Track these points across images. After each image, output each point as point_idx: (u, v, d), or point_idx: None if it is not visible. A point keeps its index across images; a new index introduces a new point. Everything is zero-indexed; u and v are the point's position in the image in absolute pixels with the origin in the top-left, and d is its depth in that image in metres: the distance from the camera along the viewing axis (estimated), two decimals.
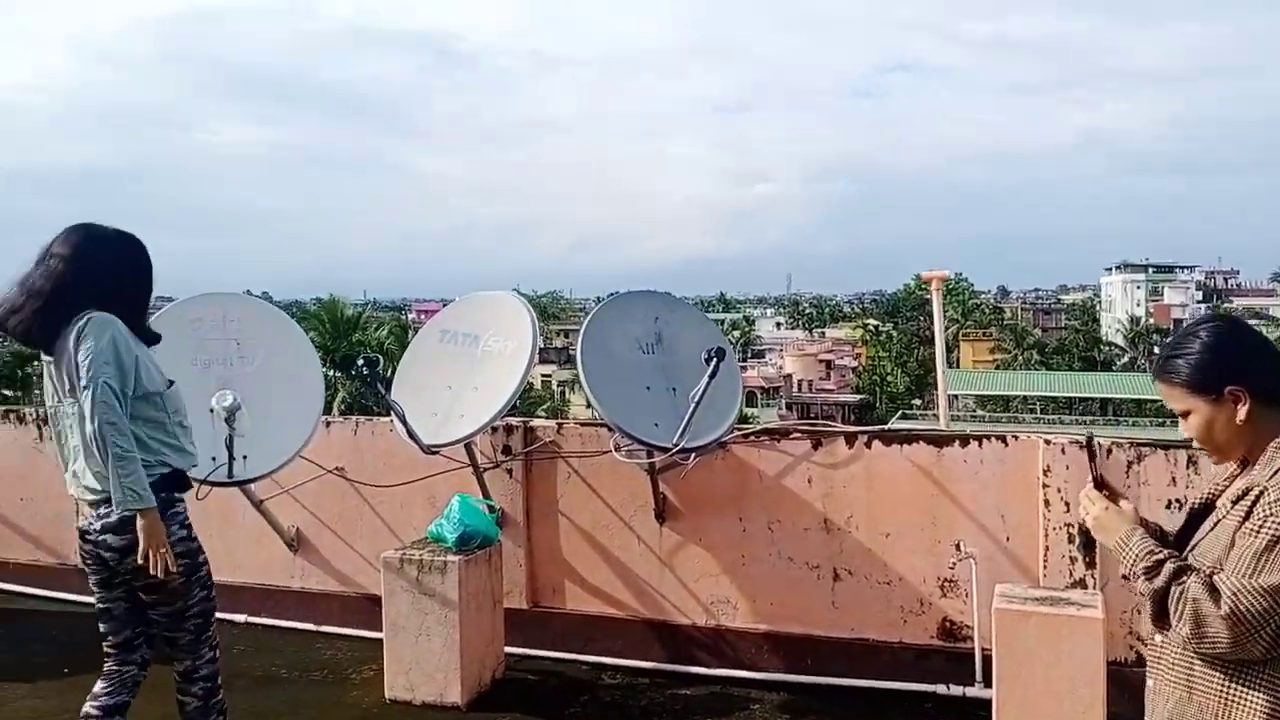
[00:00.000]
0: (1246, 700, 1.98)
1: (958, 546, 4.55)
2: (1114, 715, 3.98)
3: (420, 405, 5.04)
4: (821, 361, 72.45)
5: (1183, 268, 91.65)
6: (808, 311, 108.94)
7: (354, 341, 37.31)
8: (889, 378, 63.56)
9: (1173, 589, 1.99)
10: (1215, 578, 1.96)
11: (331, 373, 32.37)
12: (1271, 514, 1.93)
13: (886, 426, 5.60)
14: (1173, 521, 2.29)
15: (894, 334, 69.43)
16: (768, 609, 5.01)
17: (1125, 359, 61.18)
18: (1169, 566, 2.02)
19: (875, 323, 75.17)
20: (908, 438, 4.85)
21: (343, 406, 29.29)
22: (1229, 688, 2.00)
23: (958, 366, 58.49)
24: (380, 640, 4.81)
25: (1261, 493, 1.97)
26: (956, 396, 49.04)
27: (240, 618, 5.82)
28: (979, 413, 49.01)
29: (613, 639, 5.19)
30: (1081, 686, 3.78)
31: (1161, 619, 2.03)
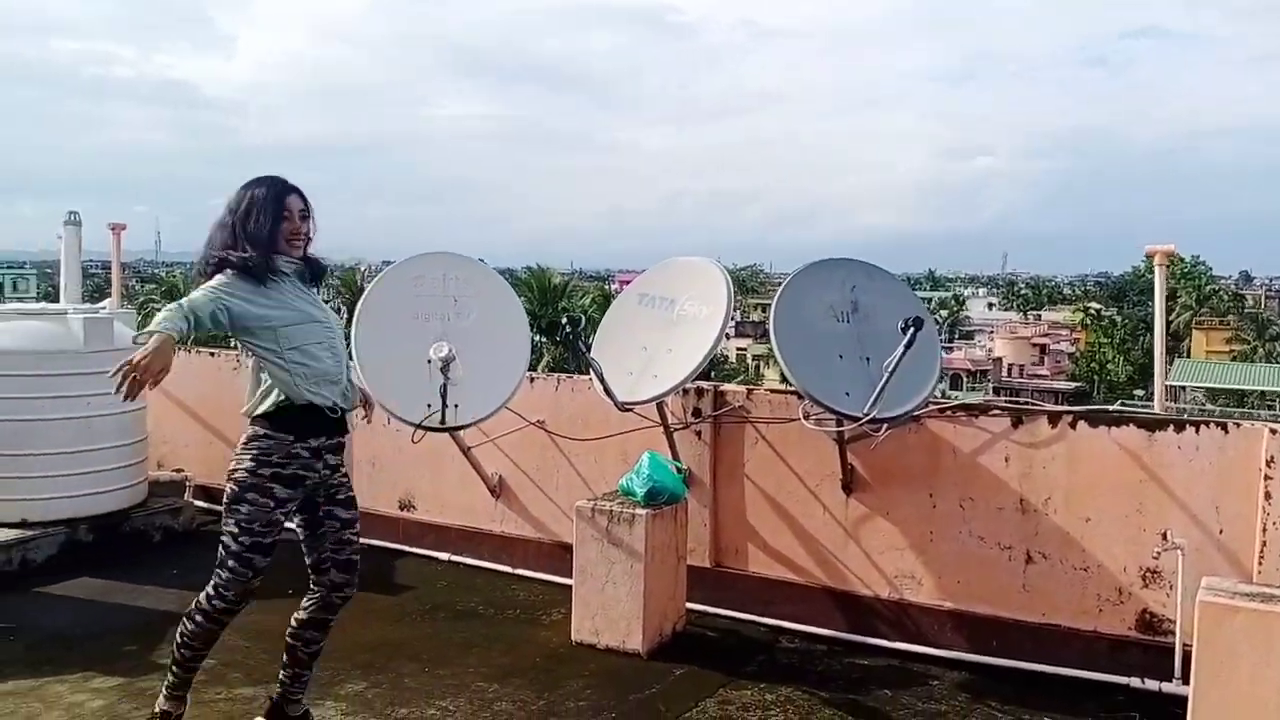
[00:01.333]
0: None
1: (1164, 536, 4.32)
2: None
3: (617, 365, 5.24)
4: (1035, 345, 68.79)
5: None
6: (1023, 292, 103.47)
7: (560, 308, 38.60)
8: (1109, 365, 59.58)
9: None
10: None
11: (538, 337, 33.68)
12: None
13: (1093, 406, 5.34)
14: None
15: (1118, 319, 64.91)
16: (954, 586, 4.92)
17: None
18: None
19: (1097, 306, 70.53)
20: (1117, 419, 4.62)
21: (547, 370, 30.41)
22: None
23: (1189, 356, 54.16)
24: (570, 586, 5.07)
25: None
26: (1185, 388, 45.52)
27: (444, 555, 6.27)
28: (1208, 406, 45.20)
29: (793, 604, 5.24)
30: None
31: None
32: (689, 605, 5.23)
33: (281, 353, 3.55)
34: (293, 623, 3.84)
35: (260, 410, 3.60)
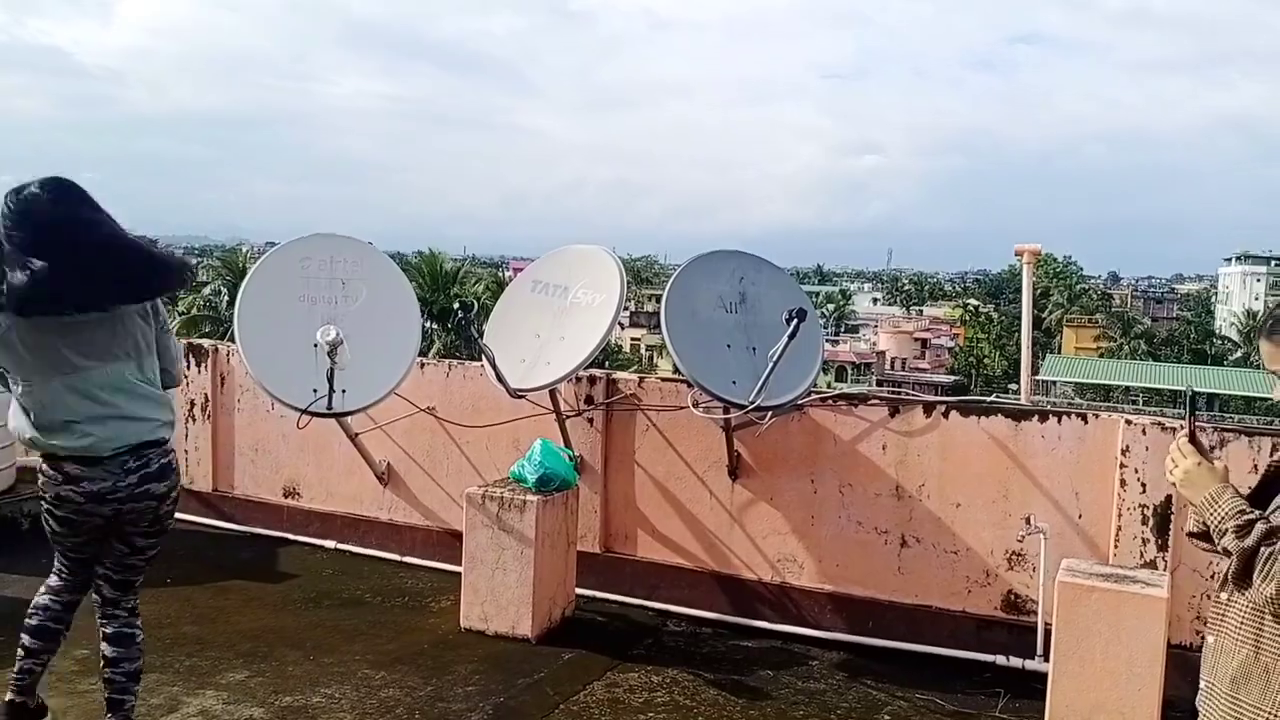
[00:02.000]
0: None
1: (1028, 520, 4.57)
2: (1172, 698, 3.99)
3: (509, 352, 5.23)
4: (917, 340, 71.11)
5: None
6: (907, 288, 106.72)
7: (452, 295, 38.10)
8: (986, 360, 62.07)
9: (1262, 549, 1.97)
10: None
11: (429, 324, 33.17)
12: None
13: (965, 397, 5.59)
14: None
15: (995, 315, 67.65)
16: (833, 570, 5.10)
17: (1238, 354, 58.49)
18: (1261, 527, 1.99)
19: (976, 303, 73.33)
20: (986, 410, 4.86)
21: (438, 356, 30.03)
22: None
23: (1060, 352, 56.77)
24: (459, 574, 5.07)
25: None
26: (1055, 383, 47.72)
27: (330, 543, 6.17)
28: (1077, 401, 47.53)
29: (680, 588, 5.35)
30: (1140, 665, 3.79)
31: (1244, 577, 2.01)
32: (579, 591, 5.29)
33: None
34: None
35: None
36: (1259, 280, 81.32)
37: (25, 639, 3.56)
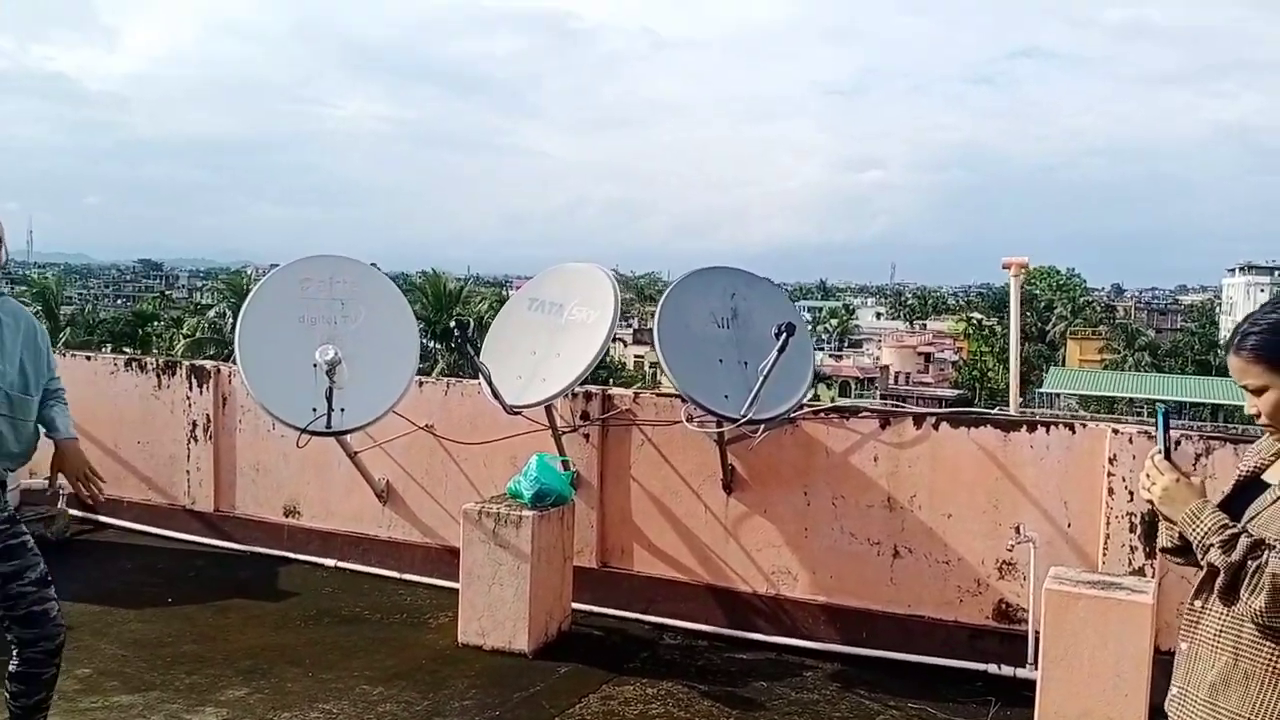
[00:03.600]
0: None
1: (1017, 530, 4.61)
2: (1159, 704, 4.01)
3: (506, 369, 5.31)
4: (920, 354, 71.16)
5: None
6: (910, 302, 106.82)
7: (455, 314, 38.22)
8: (990, 373, 62.03)
9: (1249, 563, 1.98)
10: None
11: (431, 343, 33.27)
12: None
13: (954, 409, 5.65)
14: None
15: (998, 329, 67.60)
16: (827, 581, 5.15)
17: None
18: (1245, 541, 2.01)
19: (979, 316, 73.28)
20: (975, 421, 4.92)
21: (441, 375, 30.08)
22: (1278, 656, 2.02)
23: (1064, 365, 56.75)
24: (457, 590, 5.12)
25: None
26: (1059, 395, 47.68)
27: (331, 561, 6.23)
28: (1081, 412, 47.49)
29: (675, 601, 5.40)
30: (1126, 671, 3.84)
31: (1231, 591, 2.02)
32: (575, 605, 5.34)
33: None
34: (5, 678, 3.36)
35: None
36: (1263, 290, 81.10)
37: None
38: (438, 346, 31.57)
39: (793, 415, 5.04)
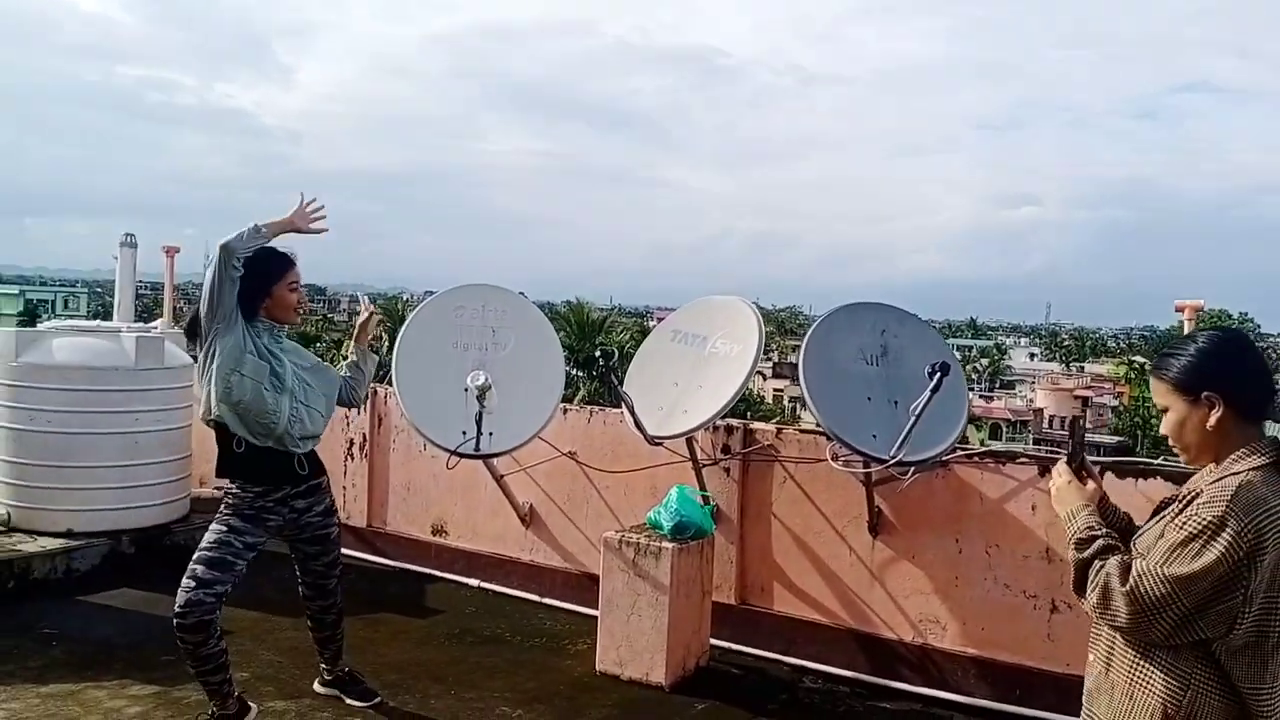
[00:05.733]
0: (1150, 679, 2.16)
1: None
2: None
3: (649, 399, 5.34)
4: (1078, 398, 67.81)
5: None
6: (1066, 343, 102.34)
7: (597, 343, 38.78)
8: (1154, 420, 58.64)
9: (1095, 562, 2.22)
10: (1134, 561, 2.18)
11: (574, 371, 33.81)
12: (1196, 514, 2.10)
13: (1119, 458, 5.33)
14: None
15: None
16: (978, 633, 4.92)
17: None
18: (1100, 543, 2.24)
19: (1142, 360, 69.52)
20: (1144, 471, 4.62)
21: (582, 403, 30.47)
22: (1138, 665, 2.19)
23: None
24: (596, 617, 5.14)
25: (1198, 495, 2.15)
26: None
27: (475, 582, 6.36)
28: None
29: (816, 644, 5.26)
30: None
31: (1080, 587, 2.27)
32: (713, 641, 5.27)
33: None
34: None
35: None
36: None
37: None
38: (580, 374, 32.06)
39: (944, 458, 4.87)
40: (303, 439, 4.05)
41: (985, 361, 78.28)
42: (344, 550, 6.82)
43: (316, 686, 4.54)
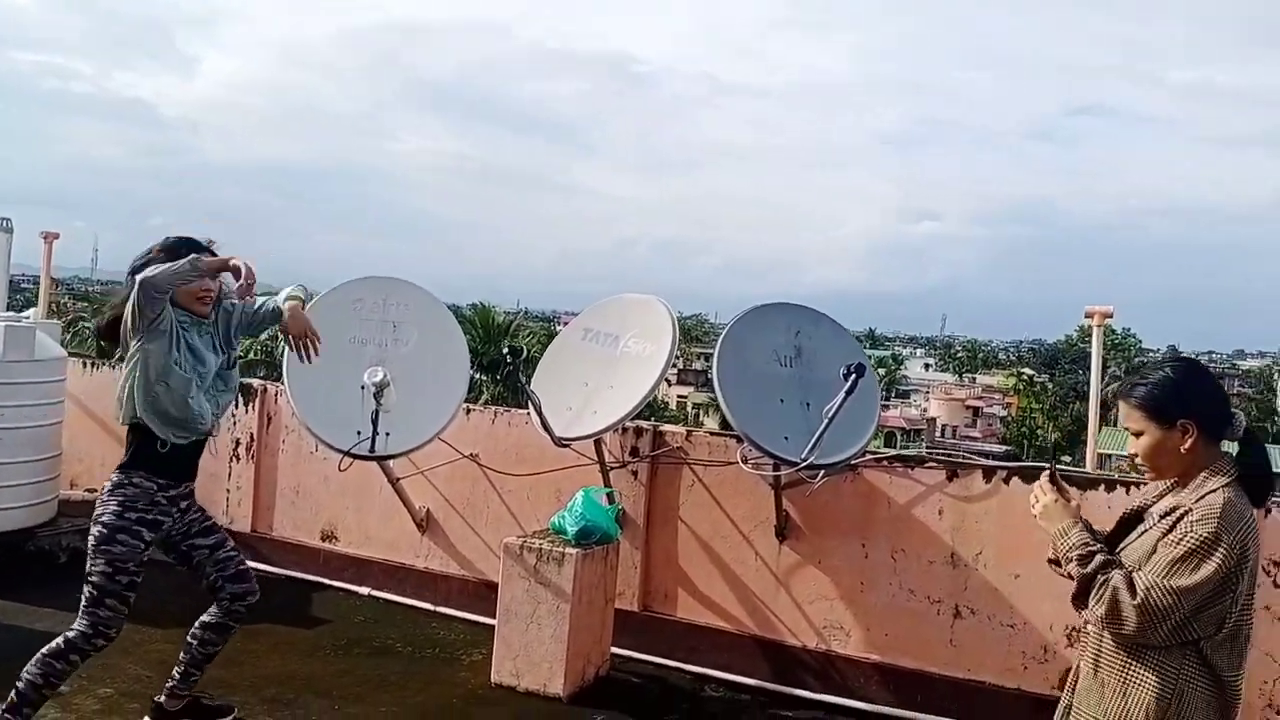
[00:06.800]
0: (1142, 677, 2.38)
1: None
2: None
3: (557, 400, 5.15)
4: (969, 408, 70.02)
5: None
6: (960, 355, 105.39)
7: (503, 347, 38.26)
8: (1039, 430, 60.86)
9: (1098, 576, 2.39)
10: (1134, 574, 2.36)
11: (478, 375, 33.29)
12: (1190, 531, 2.32)
13: (1027, 463, 5.37)
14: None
15: (1049, 385, 66.48)
16: (882, 639, 4.87)
17: None
18: (1099, 558, 2.43)
19: (1031, 372, 72.10)
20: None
21: (484, 405, 30.03)
22: (1129, 666, 2.40)
23: (1116, 425, 55.50)
24: (493, 627, 4.92)
25: (1186, 512, 2.35)
26: (1110, 456, 46.49)
27: (365, 590, 6.07)
28: (1131, 476, 46.25)
29: (720, 652, 5.15)
30: None
31: (1081, 599, 2.45)
32: (614, 649, 5.11)
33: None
34: (196, 624, 4.00)
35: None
36: None
37: None
38: (484, 378, 31.57)
39: (854, 462, 4.81)
40: (213, 433, 3.92)
41: (882, 371, 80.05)
42: None
43: None
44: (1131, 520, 2.57)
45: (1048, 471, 2.65)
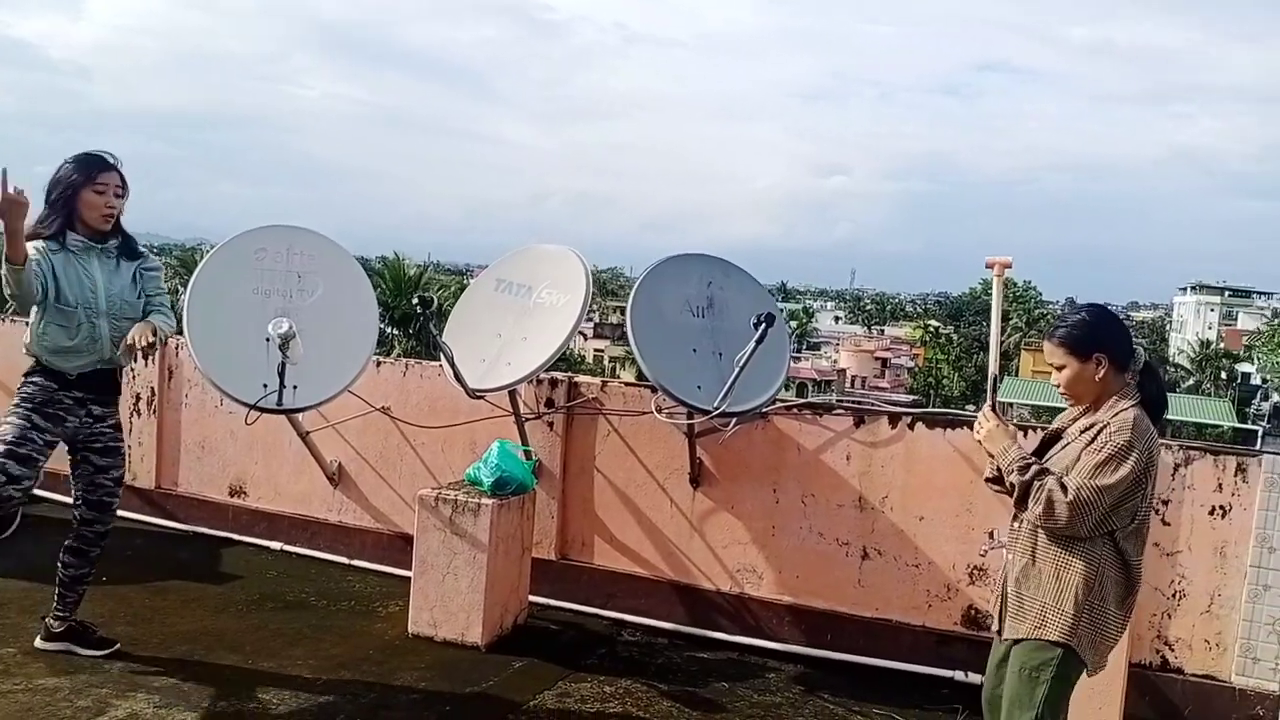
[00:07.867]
0: (1071, 563, 2.87)
1: (990, 535, 4.51)
2: (1132, 716, 3.93)
3: (470, 351, 5.10)
4: (878, 359, 71.73)
5: (1260, 293, 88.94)
6: (869, 308, 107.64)
7: (414, 300, 37.71)
8: (945, 381, 62.68)
9: (1035, 482, 2.86)
10: (1064, 478, 2.84)
11: (390, 329, 32.80)
12: (1110, 440, 2.81)
13: (931, 409, 5.54)
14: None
15: (954, 337, 68.42)
16: (793, 581, 5.01)
17: (1190, 382, 59.58)
18: (1036, 468, 2.90)
19: (936, 324, 74.07)
20: (952, 422, 4.80)
21: (396, 358, 29.66)
22: (1060, 555, 2.89)
23: (1017, 375, 57.41)
24: (409, 579, 4.91)
25: (1104, 426, 2.85)
26: (1012, 405, 48.17)
27: (276, 545, 5.98)
28: (1033, 423, 48.01)
29: (636, 597, 5.23)
30: (1099, 683, 3.72)
31: (1021, 503, 2.91)
32: (532, 598, 5.15)
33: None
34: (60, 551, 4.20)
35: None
36: (1212, 310, 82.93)
37: None
38: (395, 332, 31.13)
39: (765, 410, 4.90)
40: (123, 355, 4.07)
41: (794, 324, 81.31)
42: (129, 514, 6.35)
43: (40, 643, 4.22)
44: (1050, 440, 3.07)
45: (989, 402, 3.18)
